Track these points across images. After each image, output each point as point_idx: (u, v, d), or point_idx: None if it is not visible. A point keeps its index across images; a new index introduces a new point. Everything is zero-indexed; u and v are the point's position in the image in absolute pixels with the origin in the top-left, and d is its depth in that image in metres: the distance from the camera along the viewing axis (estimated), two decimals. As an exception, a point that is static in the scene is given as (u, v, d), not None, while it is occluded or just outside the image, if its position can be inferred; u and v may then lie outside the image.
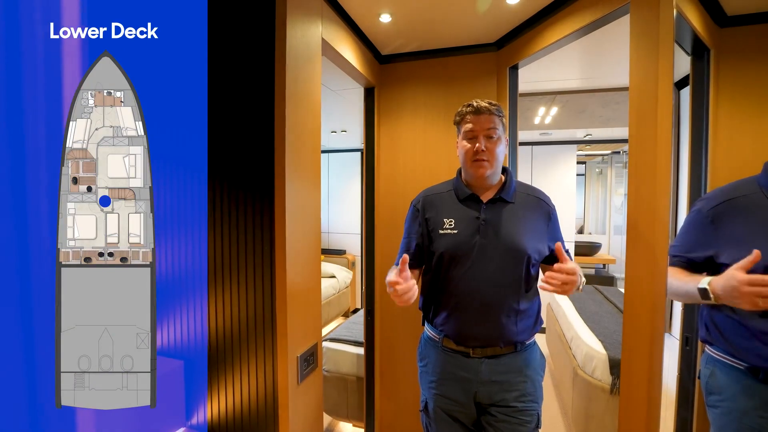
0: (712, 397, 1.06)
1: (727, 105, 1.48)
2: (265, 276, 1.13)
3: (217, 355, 1.21)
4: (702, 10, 1.35)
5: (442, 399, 1.17)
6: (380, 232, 1.95)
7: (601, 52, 1.97)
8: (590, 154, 5.82)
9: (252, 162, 1.15)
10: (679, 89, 2.09)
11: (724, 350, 1.05)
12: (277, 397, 1.14)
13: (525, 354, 1.14)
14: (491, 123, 1.10)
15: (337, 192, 4.89)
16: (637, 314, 1.14)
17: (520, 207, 1.15)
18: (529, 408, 1.12)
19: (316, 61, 1.27)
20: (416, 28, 1.61)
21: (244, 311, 1.17)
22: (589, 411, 1.96)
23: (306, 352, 1.22)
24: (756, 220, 0.98)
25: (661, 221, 1.07)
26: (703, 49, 1.45)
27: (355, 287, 4.77)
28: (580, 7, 1.28)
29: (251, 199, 1.15)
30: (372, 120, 1.91)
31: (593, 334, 2.19)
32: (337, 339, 2.36)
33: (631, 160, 1.15)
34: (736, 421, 0.98)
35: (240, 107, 1.16)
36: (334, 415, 2.28)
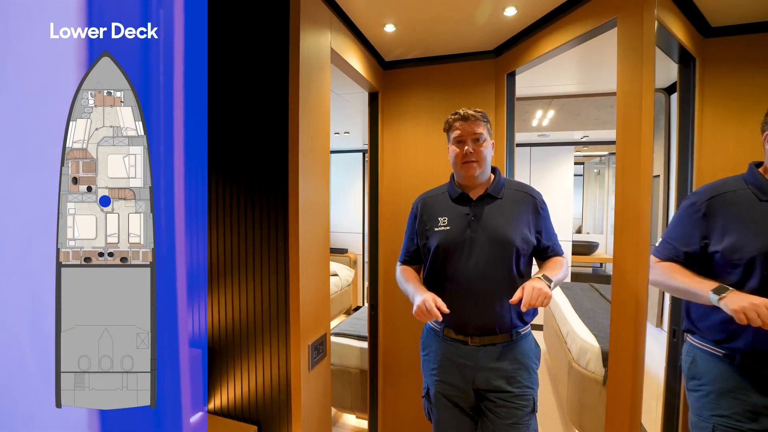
0: (692, 382, 1.15)
1: (711, 111, 1.57)
2: (280, 268, 1.22)
3: (234, 344, 1.30)
4: (687, 22, 1.44)
5: (443, 385, 1.25)
6: (384, 231, 2.04)
7: (595, 59, 2.06)
8: (588, 155, 5.90)
9: (268, 163, 1.24)
10: (670, 95, 2.19)
11: (703, 338, 1.14)
12: (290, 383, 1.23)
13: (520, 342, 1.23)
14: (477, 127, 1.21)
15: (340, 192, 4.96)
16: (622, 306, 1.23)
17: (507, 202, 1.25)
18: (525, 393, 1.20)
19: (325, 69, 1.36)
20: (419, 36, 1.70)
21: (260, 302, 1.26)
22: (583, 402, 2.05)
23: (317, 341, 1.31)
24: (743, 213, 1.07)
25: (644, 220, 1.16)
26: (689, 58, 1.54)
27: (356, 285, 4.84)
28: (572, 20, 1.37)
29: (267, 198, 1.24)
30: (376, 123, 2.00)
31: (588, 329, 2.28)
32: (342, 333, 2.44)
33: (618, 163, 1.24)
34: (712, 402, 1.07)
35: (257, 112, 1.26)
36: (339, 406, 2.36)
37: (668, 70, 1.77)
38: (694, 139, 1.58)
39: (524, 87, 2.40)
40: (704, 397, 1.09)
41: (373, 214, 2.06)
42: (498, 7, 1.43)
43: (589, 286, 3.43)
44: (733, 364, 1.05)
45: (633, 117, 1.18)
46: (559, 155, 4.24)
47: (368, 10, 1.48)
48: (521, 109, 2.80)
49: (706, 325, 1.12)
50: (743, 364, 1.04)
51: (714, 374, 1.09)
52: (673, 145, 1.82)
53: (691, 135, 1.59)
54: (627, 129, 1.20)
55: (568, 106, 2.70)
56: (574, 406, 2.14)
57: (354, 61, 1.62)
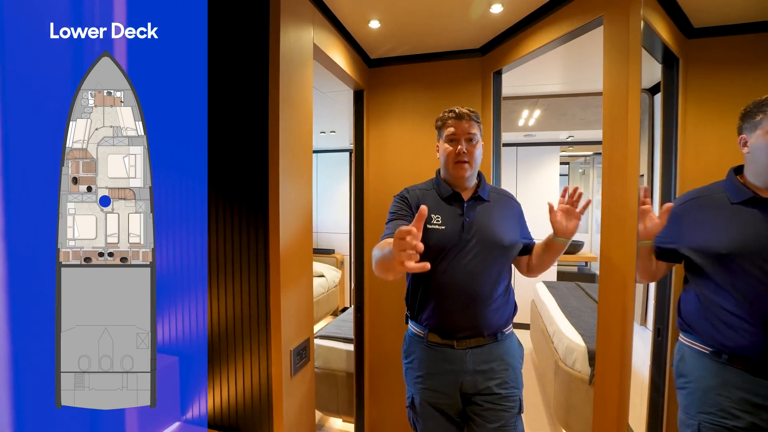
0: (681, 380, 1.15)
1: (694, 111, 1.59)
2: (260, 272, 1.17)
3: (212, 351, 1.25)
4: (671, 23, 1.44)
5: (429, 393, 1.21)
6: (369, 231, 2.00)
7: (581, 58, 2.07)
8: (573, 155, 5.98)
9: (246, 163, 1.19)
10: (654, 95, 2.21)
11: (692, 336, 1.14)
12: (271, 390, 1.19)
13: (505, 342, 1.22)
14: (471, 128, 1.19)
15: (326, 192, 4.91)
16: (609, 305, 1.22)
17: (494, 205, 1.26)
18: (512, 394, 1.19)
19: (308, 66, 1.32)
20: (404, 33, 1.67)
21: (239, 307, 1.21)
22: (569, 401, 2.05)
23: (299, 346, 1.26)
24: (711, 213, 1.11)
25: (631, 218, 1.16)
26: (672, 59, 1.55)
27: (343, 286, 4.80)
28: (559, 18, 1.36)
29: (246, 199, 1.19)
30: (361, 122, 1.96)
31: (574, 328, 2.29)
32: (327, 336, 2.40)
33: (604, 162, 1.23)
34: (699, 399, 1.07)
35: (234, 107, 1.20)
36: (325, 410, 2.32)
37: (651, 71, 1.79)
38: (678, 139, 1.59)
39: (510, 86, 2.39)
40: (691, 395, 1.10)
41: (358, 215, 2.02)
42: (485, 4, 1.41)
43: (575, 285, 3.46)
44: (720, 361, 1.06)
45: (619, 115, 1.17)
46: (544, 155, 4.28)
47: (352, 5, 1.44)
48: (507, 109, 2.80)
49: (695, 322, 1.12)
50: (729, 362, 1.04)
51: (700, 372, 1.09)
52: (657, 145, 1.84)
53: (675, 135, 1.60)
54: (613, 128, 1.19)
55: (554, 105, 2.71)
56: (561, 405, 2.15)
57: (338, 57, 1.58)
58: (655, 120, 2.09)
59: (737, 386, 1.02)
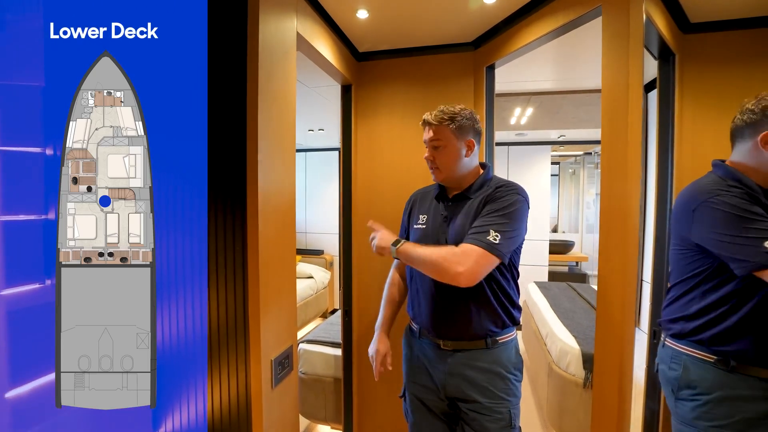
0: (686, 392, 1.07)
1: (691, 107, 1.55)
2: (237, 278, 1.09)
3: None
4: (668, 16, 1.40)
5: (415, 386, 1.24)
6: (358, 232, 1.93)
7: (574, 54, 2.02)
8: (564, 155, 6.00)
9: (222, 160, 1.10)
10: (647, 92, 2.17)
11: (692, 344, 1.08)
12: (250, 403, 1.10)
13: (496, 351, 1.14)
14: (434, 134, 1.15)
15: (315, 191, 4.82)
16: (609, 308, 1.16)
17: (475, 202, 1.14)
18: (498, 405, 1.12)
19: (290, 56, 1.24)
20: (394, 25, 1.60)
21: (214, 313, 1.12)
22: (563, 405, 2.01)
23: (281, 356, 1.18)
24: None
25: (632, 219, 1.10)
26: (668, 54, 1.51)
27: (333, 287, 4.72)
28: (555, 9, 1.30)
29: (222, 197, 1.10)
30: (349, 118, 1.88)
31: (567, 330, 2.25)
32: (314, 341, 2.32)
33: (603, 160, 1.18)
34: (710, 412, 1.01)
35: (215, 103, 1.11)
36: (312, 418, 2.24)
37: (645, 68, 1.75)
38: (674, 137, 1.55)
39: (503, 83, 2.34)
40: (701, 407, 1.03)
41: (346, 215, 1.94)
42: (477, -6, 1.35)
43: (566, 285, 3.43)
44: (727, 369, 1.00)
45: (619, 112, 1.12)
46: (536, 154, 4.26)
47: (338, -8, 1.36)
48: (499, 107, 2.75)
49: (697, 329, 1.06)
50: (736, 369, 0.99)
51: (710, 382, 1.03)
52: (651, 142, 1.80)
53: (671, 131, 1.56)
54: (613, 125, 1.13)
55: (547, 103, 2.67)
56: (554, 408, 2.10)
57: (324, 49, 1.50)
58: (649, 117, 2.05)
59: (748, 396, 0.97)
